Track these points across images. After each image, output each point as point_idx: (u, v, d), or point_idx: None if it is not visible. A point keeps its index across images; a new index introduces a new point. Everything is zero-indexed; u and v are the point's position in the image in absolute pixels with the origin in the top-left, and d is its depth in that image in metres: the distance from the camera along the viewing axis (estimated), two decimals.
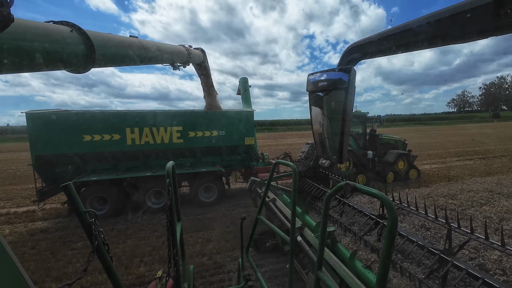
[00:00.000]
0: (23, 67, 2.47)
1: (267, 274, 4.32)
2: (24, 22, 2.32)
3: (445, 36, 1.18)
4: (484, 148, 18.50)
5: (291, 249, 2.12)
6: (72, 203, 1.18)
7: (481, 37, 1.07)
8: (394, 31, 1.40)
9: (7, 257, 1.03)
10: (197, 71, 8.29)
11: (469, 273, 2.42)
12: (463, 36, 1.11)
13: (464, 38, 1.12)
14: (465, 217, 4.67)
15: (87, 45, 3.07)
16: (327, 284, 1.70)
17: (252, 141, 8.77)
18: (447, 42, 1.22)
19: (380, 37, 1.48)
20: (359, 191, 1.38)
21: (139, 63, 4.44)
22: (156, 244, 5.45)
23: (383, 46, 1.50)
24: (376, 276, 2.48)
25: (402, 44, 1.38)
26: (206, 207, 7.75)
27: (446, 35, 1.17)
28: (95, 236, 1.22)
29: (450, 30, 1.13)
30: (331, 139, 2.15)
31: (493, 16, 0.95)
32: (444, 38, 1.19)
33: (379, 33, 1.50)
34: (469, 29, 1.05)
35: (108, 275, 1.33)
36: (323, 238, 1.70)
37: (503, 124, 51.38)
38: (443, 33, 1.17)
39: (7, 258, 1.03)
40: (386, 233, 1.18)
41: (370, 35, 1.61)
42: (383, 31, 1.49)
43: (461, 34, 1.11)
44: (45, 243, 5.70)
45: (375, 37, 1.52)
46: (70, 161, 7.16)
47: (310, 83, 2.10)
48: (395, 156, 9.92)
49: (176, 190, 2.00)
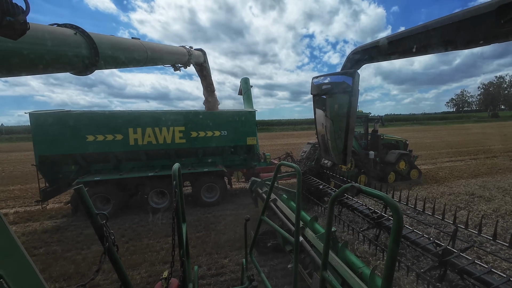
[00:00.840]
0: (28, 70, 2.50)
1: (270, 275, 4.34)
2: (30, 25, 2.35)
3: (449, 42, 1.20)
4: (477, 149, 18.36)
5: (295, 250, 2.14)
6: (84, 205, 1.21)
7: (484, 44, 1.09)
8: (399, 36, 1.42)
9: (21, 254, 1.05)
10: (198, 72, 8.33)
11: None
12: (467, 43, 1.13)
13: (467, 45, 1.14)
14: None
15: (90, 47, 3.09)
16: (332, 285, 1.72)
17: (254, 141, 8.79)
18: (451, 48, 1.24)
19: (385, 42, 1.50)
20: (364, 193, 1.39)
21: (141, 65, 4.47)
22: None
23: (387, 51, 1.52)
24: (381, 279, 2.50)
25: (407, 50, 1.40)
26: (208, 207, 7.80)
27: (449, 41, 1.19)
28: (106, 238, 1.26)
29: (453, 37, 1.15)
30: (335, 141, 2.17)
31: (495, 24, 0.97)
32: (448, 45, 1.21)
33: (384, 38, 1.52)
34: (472, 36, 1.07)
35: (118, 275, 1.36)
36: (328, 239, 1.72)
37: (499, 124, 51.20)
38: (447, 39, 1.19)
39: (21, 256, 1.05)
40: (392, 235, 1.18)
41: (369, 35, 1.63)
42: (388, 35, 1.51)
43: (465, 41, 1.13)
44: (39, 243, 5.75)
45: (380, 41, 1.54)
46: (73, 161, 7.22)
47: (314, 86, 2.12)
48: (396, 156, 9.92)
49: (181, 191, 2.03)
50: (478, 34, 1.05)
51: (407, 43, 1.36)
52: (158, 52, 4.84)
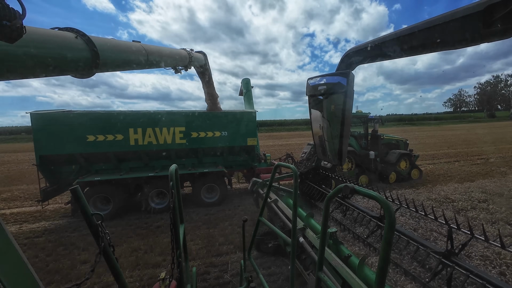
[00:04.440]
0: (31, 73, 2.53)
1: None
2: (33, 29, 2.38)
3: (438, 42, 1.21)
4: (445, 152, 17.93)
5: (292, 250, 2.14)
6: (80, 205, 1.23)
7: (472, 44, 1.09)
8: (389, 37, 1.43)
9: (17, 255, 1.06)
10: (199, 74, 8.34)
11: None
12: (455, 42, 1.14)
13: (456, 44, 1.15)
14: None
15: (91, 50, 3.12)
16: (327, 285, 1.73)
17: (255, 141, 8.81)
18: (440, 48, 1.25)
19: (376, 43, 1.51)
20: (358, 193, 1.40)
21: (142, 67, 4.49)
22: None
23: (379, 52, 1.53)
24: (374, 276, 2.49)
25: (398, 50, 1.41)
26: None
27: (439, 41, 1.20)
28: (101, 238, 1.27)
29: (442, 37, 1.16)
30: (331, 141, 2.18)
31: (483, 24, 0.98)
32: (437, 45, 1.22)
33: (375, 39, 1.53)
34: (460, 37, 1.08)
35: (114, 275, 1.37)
36: (323, 239, 1.72)
37: (491, 125, 50.49)
38: (436, 40, 1.20)
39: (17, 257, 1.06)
40: (384, 235, 1.20)
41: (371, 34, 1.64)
42: (379, 37, 1.52)
43: (453, 41, 1.14)
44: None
45: (372, 42, 1.55)
46: (74, 161, 7.26)
47: (310, 87, 2.13)
48: (397, 156, 9.89)
49: (179, 192, 2.04)
50: (466, 35, 1.06)
51: (398, 44, 1.37)
52: (158, 55, 4.86)
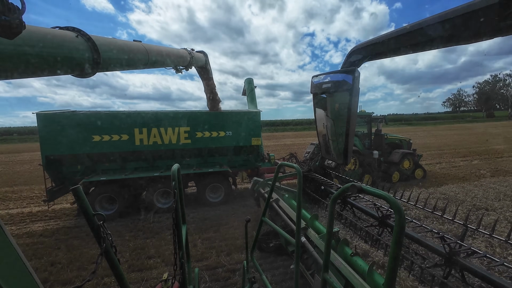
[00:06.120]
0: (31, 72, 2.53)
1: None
2: (33, 28, 2.38)
3: (450, 37, 1.16)
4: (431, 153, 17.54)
5: (296, 251, 2.10)
6: (81, 206, 1.21)
7: (485, 38, 1.05)
8: (397, 32, 1.38)
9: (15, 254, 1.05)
10: (199, 74, 8.34)
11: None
12: (468, 37, 1.09)
13: (469, 39, 1.10)
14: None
15: (92, 50, 3.12)
16: (334, 287, 1.68)
17: (259, 141, 8.79)
18: (453, 43, 1.20)
19: (385, 38, 1.46)
20: (365, 192, 1.36)
21: (143, 67, 4.49)
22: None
23: (387, 48, 1.48)
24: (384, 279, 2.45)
25: (407, 46, 1.36)
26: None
27: (451, 36, 1.15)
28: (103, 239, 1.25)
29: (455, 31, 1.11)
30: (336, 140, 2.14)
31: (497, 17, 0.93)
32: (449, 39, 1.18)
33: (384, 35, 1.48)
34: (474, 30, 1.04)
35: (116, 277, 1.35)
36: (329, 239, 1.67)
37: (488, 125, 49.49)
38: (448, 34, 1.15)
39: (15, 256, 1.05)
40: (394, 234, 1.15)
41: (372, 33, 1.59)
42: (388, 32, 1.47)
43: (466, 35, 1.09)
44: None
45: (380, 38, 1.51)
46: (79, 161, 7.30)
47: (314, 85, 2.09)
48: (400, 155, 9.81)
49: (181, 192, 2.01)
50: (480, 28, 1.01)
51: (407, 39, 1.32)
52: (159, 55, 4.85)
